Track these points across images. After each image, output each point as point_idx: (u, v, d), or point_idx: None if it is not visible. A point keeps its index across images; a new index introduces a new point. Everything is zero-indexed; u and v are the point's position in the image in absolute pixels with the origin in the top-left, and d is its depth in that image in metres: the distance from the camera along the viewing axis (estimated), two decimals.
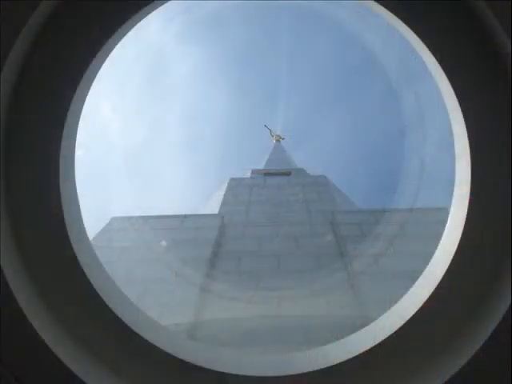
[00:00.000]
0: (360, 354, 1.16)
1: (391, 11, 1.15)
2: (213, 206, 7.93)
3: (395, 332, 1.16)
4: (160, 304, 3.75)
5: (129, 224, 5.91)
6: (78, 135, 1.26)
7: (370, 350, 1.16)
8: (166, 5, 1.29)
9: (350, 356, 1.16)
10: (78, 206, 1.30)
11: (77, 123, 1.25)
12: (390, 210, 6.31)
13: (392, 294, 1.48)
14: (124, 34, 1.25)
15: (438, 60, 1.14)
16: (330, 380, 1.16)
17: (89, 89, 1.26)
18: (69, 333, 1.17)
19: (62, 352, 1.10)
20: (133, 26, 1.24)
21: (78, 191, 1.30)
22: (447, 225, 1.26)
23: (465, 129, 1.12)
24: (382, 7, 1.16)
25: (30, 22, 1.05)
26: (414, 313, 1.17)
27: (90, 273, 1.20)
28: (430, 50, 1.14)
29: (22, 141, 1.14)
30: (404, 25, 1.15)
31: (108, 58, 1.26)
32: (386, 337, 1.16)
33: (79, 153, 1.28)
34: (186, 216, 6.57)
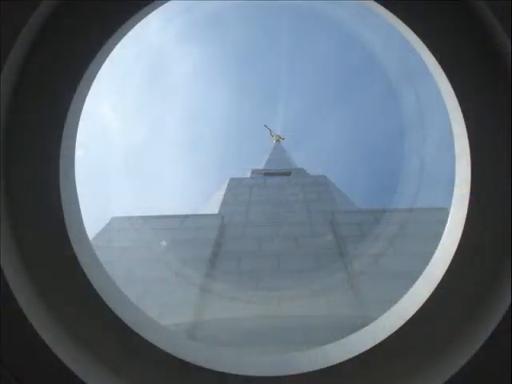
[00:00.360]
0: (360, 354, 1.16)
1: (391, 11, 1.15)
2: (213, 206, 7.93)
3: (395, 332, 1.16)
4: (160, 304, 3.75)
5: (129, 224, 5.91)
6: (78, 135, 1.26)
7: (369, 349, 1.16)
8: (166, 5, 1.29)
9: (350, 356, 1.16)
10: (78, 206, 1.30)
11: (77, 123, 1.25)
12: (389, 210, 6.31)
13: (392, 294, 1.48)
14: (124, 34, 1.25)
15: (437, 60, 1.13)
16: (330, 380, 1.16)
17: (89, 89, 1.26)
18: (69, 333, 1.17)
19: (62, 352, 1.10)
20: (133, 26, 1.24)
21: (78, 191, 1.30)
22: (447, 225, 1.26)
23: (465, 129, 1.12)
24: (382, 7, 1.16)
25: (30, 22, 1.05)
26: (414, 313, 1.17)
27: (90, 273, 1.19)
28: (429, 50, 1.14)
29: (22, 141, 1.14)
30: (404, 25, 1.15)
31: (108, 58, 1.26)
32: (385, 337, 1.16)
33: (79, 153, 1.28)
34: (186, 216, 6.56)
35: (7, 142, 1.12)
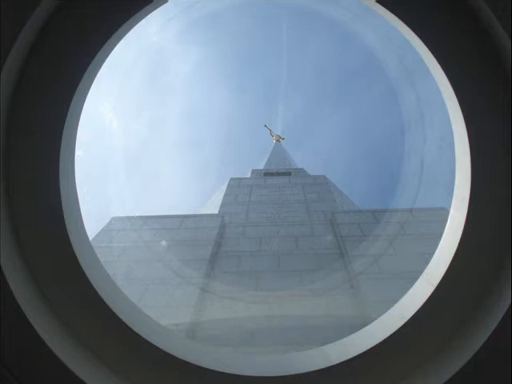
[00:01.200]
0: (360, 354, 1.16)
1: (391, 11, 1.15)
2: (213, 206, 7.94)
3: (395, 332, 1.16)
4: (160, 304, 3.76)
5: (129, 224, 5.91)
6: (78, 135, 1.26)
7: (370, 349, 1.16)
8: (165, 5, 1.29)
9: (350, 356, 1.16)
10: (78, 206, 1.30)
11: (77, 123, 1.25)
12: (390, 210, 6.32)
13: (392, 294, 1.48)
14: (124, 34, 1.25)
15: (438, 60, 1.14)
16: (330, 380, 1.16)
17: (89, 89, 1.26)
18: (69, 333, 1.17)
19: (62, 352, 1.10)
20: (133, 26, 1.24)
21: (78, 191, 1.30)
22: (447, 225, 1.26)
23: (465, 129, 1.12)
24: (382, 7, 1.16)
25: (30, 22, 1.05)
26: (414, 313, 1.17)
27: (90, 273, 1.20)
28: (430, 50, 1.14)
29: (22, 141, 1.14)
30: (404, 25, 1.15)
31: (108, 58, 1.26)
32: (386, 337, 1.16)
33: (79, 153, 1.28)
34: (186, 216, 6.57)
35: (7, 142, 1.12)
